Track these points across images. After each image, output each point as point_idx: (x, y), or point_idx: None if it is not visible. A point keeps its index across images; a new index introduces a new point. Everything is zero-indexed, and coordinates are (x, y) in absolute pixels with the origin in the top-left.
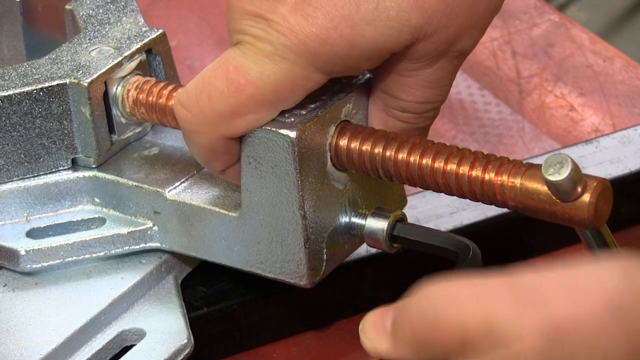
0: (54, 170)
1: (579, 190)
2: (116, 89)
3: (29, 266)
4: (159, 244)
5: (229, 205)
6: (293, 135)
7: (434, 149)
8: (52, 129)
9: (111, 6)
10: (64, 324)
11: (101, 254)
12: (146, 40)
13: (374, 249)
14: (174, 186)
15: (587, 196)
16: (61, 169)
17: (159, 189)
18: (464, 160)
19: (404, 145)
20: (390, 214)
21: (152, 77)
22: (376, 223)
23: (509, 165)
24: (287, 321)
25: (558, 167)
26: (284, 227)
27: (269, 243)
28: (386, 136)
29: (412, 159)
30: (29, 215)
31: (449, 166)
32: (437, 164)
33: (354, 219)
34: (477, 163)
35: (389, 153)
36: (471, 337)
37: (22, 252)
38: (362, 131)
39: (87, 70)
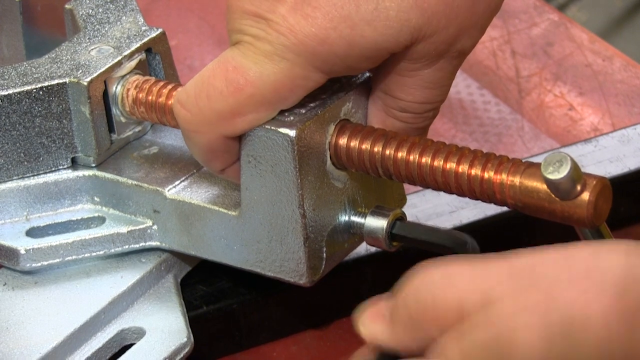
0: (53, 169)
1: (578, 188)
2: (116, 88)
3: (28, 265)
4: (158, 243)
5: (228, 204)
6: (293, 134)
7: (434, 147)
8: (52, 128)
9: (111, 5)
10: (63, 323)
11: (101, 252)
12: (146, 40)
13: (373, 248)
14: (174, 185)
15: (587, 194)
16: (61, 168)
17: (158, 188)
18: (464, 159)
19: (403, 144)
20: (390, 212)
21: (152, 77)
22: (376, 222)
23: (508, 164)
24: (287, 320)
25: (557, 166)
26: (283, 225)
27: (268, 242)
28: (385, 135)
29: (412, 157)
30: (28, 214)
31: (449, 165)
32: (436, 163)
33: (353, 218)
34: (476, 161)
35: (388, 152)
36: (468, 311)
37: (22, 251)
38: (362, 130)
39: (86, 69)
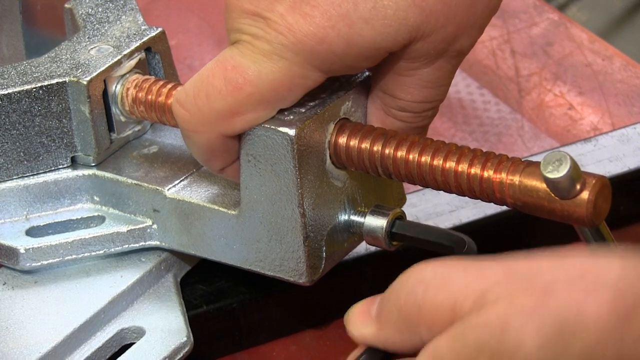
0: (53, 169)
1: (577, 187)
2: (115, 87)
3: (28, 264)
4: (158, 242)
5: (228, 203)
6: (292, 133)
7: (433, 146)
8: (52, 127)
9: (110, 5)
10: (63, 322)
11: (100, 252)
12: (145, 39)
13: (373, 247)
14: (174, 184)
15: (586, 193)
16: (60, 167)
17: (158, 187)
18: (463, 158)
19: (402, 143)
20: (390, 211)
21: (152, 76)
22: (375, 221)
23: (507, 163)
24: (287, 320)
25: (557, 165)
26: (283, 224)
27: (268, 241)
28: (385, 134)
29: (411, 156)
30: (28, 214)
31: (448, 164)
32: (436, 162)
33: (353, 217)
34: (476, 161)
35: (387, 151)
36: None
37: (22, 251)
38: (361, 129)
39: (86, 68)
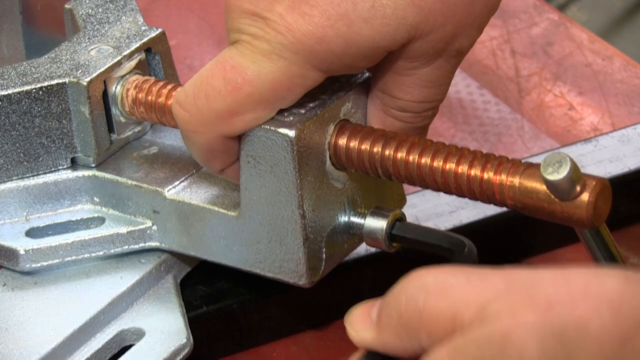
0: (53, 170)
1: (577, 189)
2: (115, 88)
3: (28, 265)
4: (158, 244)
5: (228, 204)
6: (292, 134)
7: (433, 148)
8: (52, 128)
9: (110, 5)
10: (63, 324)
11: (100, 253)
12: (145, 40)
13: (373, 248)
14: (173, 185)
15: (586, 195)
16: (60, 168)
17: (158, 188)
18: (463, 160)
19: (402, 144)
20: (390, 213)
21: (152, 77)
22: (375, 222)
23: (507, 164)
24: (287, 320)
25: (557, 166)
26: (283, 226)
27: (268, 242)
28: (385, 135)
29: (411, 158)
30: (28, 215)
31: (448, 165)
32: (436, 163)
33: (353, 218)
34: (476, 162)
35: (388, 152)
36: (462, 323)
37: (22, 252)
38: (361, 130)
39: (86, 69)
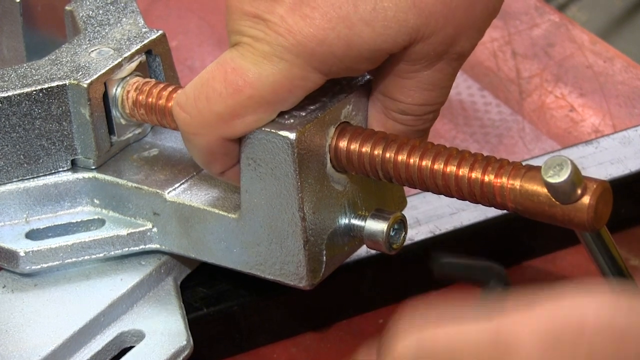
0: (53, 172)
1: (578, 192)
2: (116, 90)
3: (28, 267)
4: (158, 246)
5: (228, 206)
6: (292, 136)
7: (434, 150)
8: (52, 130)
9: (111, 7)
10: (63, 326)
11: (100, 255)
12: (146, 42)
13: (374, 250)
14: (174, 187)
15: (587, 198)
16: (61, 170)
17: (158, 191)
18: (464, 162)
19: (403, 147)
20: (390, 215)
21: (152, 79)
22: (376, 225)
23: (508, 167)
24: (287, 322)
25: (558, 169)
26: (283, 228)
27: (268, 245)
28: (386, 138)
29: (412, 160)
30: (28, 217)
31: (449, 168)
32: (436, 166)
33: (353, 221)
34: (476, 165)
35: (388, 155)
36: None
37: (22, 254)
38: (362, 133)
39: (86, 71)
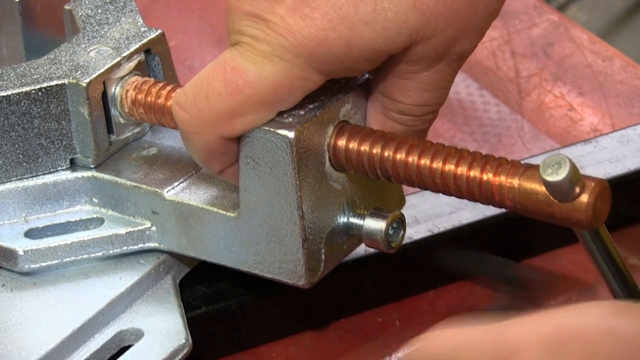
0: (52, 171)
1: (577, 190)
2: (115, 89)
3: (27, 266)
4: (157, 244)
5: (227, 205)
6: (291, 135)
7: (432, 149)
8: (51, 129)
9: (110, 6)
10: (62, 324)
11: (99, 254)
12: (145, 41)
13: (372, 249)
14: (173, 186)
15: (585, 197)
16: (59, 169)
17: (157, 189)
18: (462, 161)
19: (402, 146)
20: (389, 214)
21: (151, 78)
22: (374, 223)
23: (507, 166)
24: (286, 321)
25: (556, 168)
26: (282, 227)
27: (267, 243)
28: (384, 136)
29: (411, 159)
30: (27, 216)
31: (447, 167)
32: (435, 165)
33: (352, 219)
34: (475, 163)
35: (387, 153)
36: None
37: (21, 252)
38: (361, 131)
39: (85, 70)
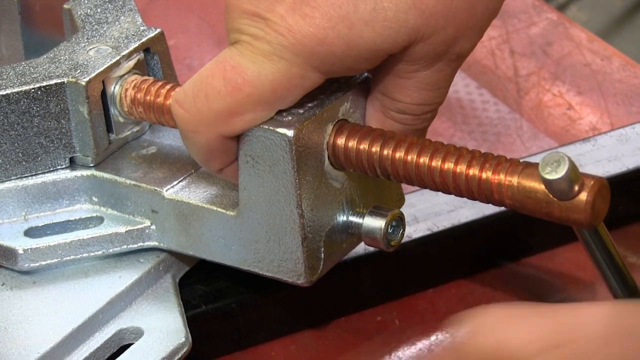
0: (51, 169)
1: (575, 189)
2: (114, 88)
3: (27, 265)
4: (156, 243)
5: (226, 204)
6: (290, 134)
7: (432, 147)
8: (50, 128)
9: (109, 5)
10: (62, 323)
11: (99, 252)
12: (144, 40)
13: (372, 247)
14: (172, 185)
15: (584, 195)
16: (59, 168)
17: (156, 188)
18: (462, 159)
19: (401, 144)
20: (388, 212)
21: (150, 77)
22: (374, 222)
23: (506, 164)
24: (286, 319)
25: (555, 166)
26: (281, 225)
27: (266, 242)
28: (383, 135)
29: (410, 157)
30: (27, 214)
31: (447, 165)
32: (434, 163)
33: (351, 218)
34: (474, 162)
35: (386, 152)
36: None
37: (20, 251)
38: (360, 130)
39: (85, 69)
